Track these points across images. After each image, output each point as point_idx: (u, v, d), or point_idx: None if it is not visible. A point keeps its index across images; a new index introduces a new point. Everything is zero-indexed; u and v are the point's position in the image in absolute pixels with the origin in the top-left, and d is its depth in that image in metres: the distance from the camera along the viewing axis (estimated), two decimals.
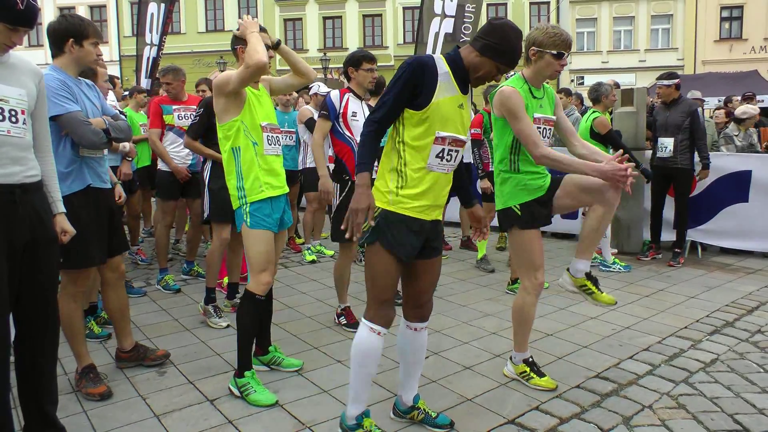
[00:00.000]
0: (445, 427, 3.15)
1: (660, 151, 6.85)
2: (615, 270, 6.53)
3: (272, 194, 3.57)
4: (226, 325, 4.73)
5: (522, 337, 3.72)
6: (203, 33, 33.30)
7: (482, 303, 5.40)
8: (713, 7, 29.91)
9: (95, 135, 3.43)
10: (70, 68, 3.51)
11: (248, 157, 3.51)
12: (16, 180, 2.63)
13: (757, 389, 3.61)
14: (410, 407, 3.22)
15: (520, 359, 3.73)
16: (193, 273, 6.35)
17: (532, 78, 3.57)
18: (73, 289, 3.59)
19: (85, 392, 3.53)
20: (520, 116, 3.40)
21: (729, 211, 7.13)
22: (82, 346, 3.66)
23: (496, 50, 2.77)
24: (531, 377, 3.66)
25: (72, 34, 3.43)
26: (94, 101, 3.64)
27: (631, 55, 30.83)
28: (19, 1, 2.51)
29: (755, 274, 6.49)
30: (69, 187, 3.42)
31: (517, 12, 31.34)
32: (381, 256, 2.82)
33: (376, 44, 32.44)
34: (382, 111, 2.76)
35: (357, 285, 6.00)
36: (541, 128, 3.55)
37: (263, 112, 3.64)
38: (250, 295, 3.54)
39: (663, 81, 6.85)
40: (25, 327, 2.76)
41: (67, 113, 3.35)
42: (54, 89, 3.31)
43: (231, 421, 3.24)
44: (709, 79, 21.13)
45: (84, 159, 3.52)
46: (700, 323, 4.83)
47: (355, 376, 2.92)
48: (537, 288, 3.60)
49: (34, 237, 2.71)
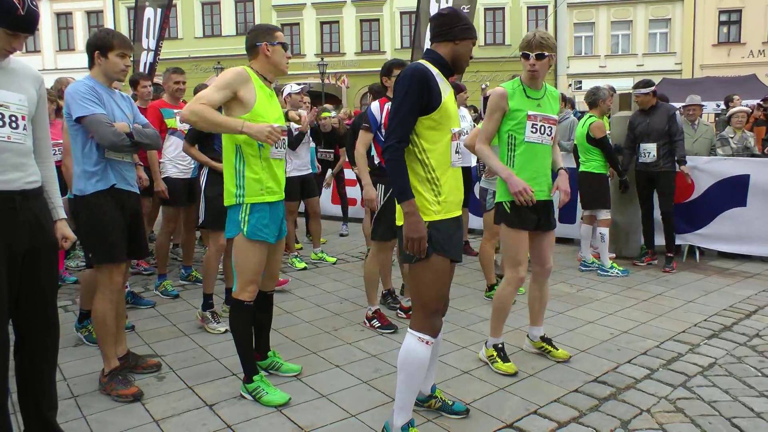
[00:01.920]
0: (462, 413, 3.31)
1: (643, 156, 6.86)
2: (613, 274, 6.54)
3: (271, 199, 3.49)
4: (225, 330, 4.71)
5: (497, 323, 4.02)
6: (200, 38, 33.29)
7: (480, 307, 5.40)
8: (711, 11, 29.96)
9: (116, 136, 3.50)
10: (101, 78, 3.66)
11: (252, 157, 3.41)
12: (16, 186, 2.63)
13: (755, 393, 3.62)
14: (428, 396, 3.35)
15: (492, 344, 4.03)
16: (191, 278, 6.34)
17: (526, 79, 3.87)
18: (108, 286, 3.64)
19: (116, 394, 3.56)
20: (489, 114, 3.86)
21: (727, 216, 7.14)
22: (111, 348, 3.71)
23: (466, 28, 2.98)
24: (495, 361, 3.95)
25: (98, 46, 3.61)
26: (125, 110, 3.76)
27: (629, 60, 30.86)
28: (20, 6, 2.52)
29: (753, 278, 6.50)
30: (94, 186, 3.57)
31: (514, 16, 31.38)
32: (435, 266, 2.88)
33: (374, 49, 32.46)
34: (401, 130, 2.80)
35: (355, 290, 6.01)
36: (538, 125, 3.82)
37: (275, 113, 3.55)
38: (238, 302, 3.51)
39: (640, 90, 6.88)
40: (24, 332, 2.77)
41: (91, 115, 3.47)
42: (81, 93, 3.49)
43: (230, 426, 3.25)
44: (708, 83, 21.20)
45: (110, 161, 3.62)
46: (698, 327, 4.84)
47: (406, 387, 2.93)
48: (517, 281, 3.95)
49: (34, 243, 2.71)
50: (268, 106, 3.48)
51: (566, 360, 4.11)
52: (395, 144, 2.79)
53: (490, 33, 31.58)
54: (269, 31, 3.54)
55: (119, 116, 3.67)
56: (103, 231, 3.57)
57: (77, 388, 3.73)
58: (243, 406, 3.49)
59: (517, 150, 3.82)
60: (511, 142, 3.84)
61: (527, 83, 3.86)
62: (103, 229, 3.57)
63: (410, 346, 2.90)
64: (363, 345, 4.48)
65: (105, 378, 3.65)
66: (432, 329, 2.92)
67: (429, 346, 2.90)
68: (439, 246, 2.87)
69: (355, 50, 32.34)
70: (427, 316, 2.91)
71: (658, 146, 6.73)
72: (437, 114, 2.86)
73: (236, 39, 32.88)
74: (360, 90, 31.30)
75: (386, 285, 5.47)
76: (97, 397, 3.60)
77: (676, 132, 6.73)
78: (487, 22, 31.49)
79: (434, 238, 2.85)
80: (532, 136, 3.79)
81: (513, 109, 3.79)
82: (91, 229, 3.61)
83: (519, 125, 3.78)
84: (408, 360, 2.90)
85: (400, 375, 2.93)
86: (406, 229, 2.78)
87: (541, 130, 3.81)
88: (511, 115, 3.80)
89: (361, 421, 3.29)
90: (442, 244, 2.88)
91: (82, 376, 3.90)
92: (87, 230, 3.64)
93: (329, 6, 32.60)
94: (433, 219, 2.87)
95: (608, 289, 6.00)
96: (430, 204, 2.88)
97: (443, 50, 2.98)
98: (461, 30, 2.96)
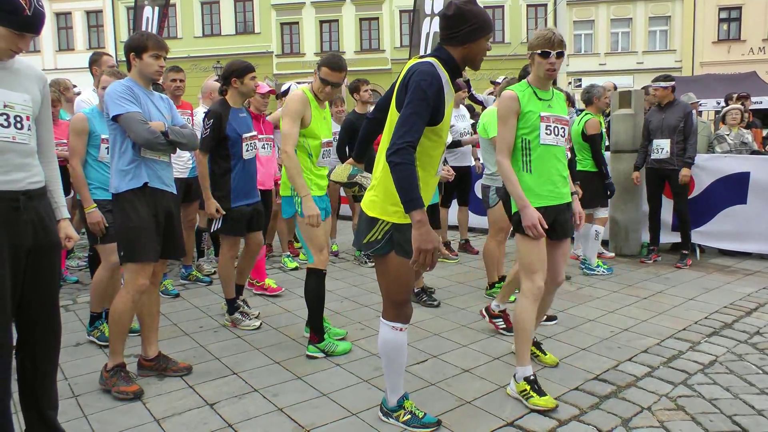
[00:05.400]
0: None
1: (656, 153, 6.86)
2: (599, 273, 6.53)
3: (317, 194, 4.25)
4: (260, 324, 4.88)
5: (522, 348, 3.58)
6: (199, 38, 33.23)
7: (481, 306, 5.39)
8: (711, 9, 29.92)
9: (151, 134, 3.54)
10: (138, 79, 3.73)
11: (303, 163, 4.19)
12: (20, 186, 2.63)
13: (755, 390, 3.62)
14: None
15: (521, 376, 3.52)
16: (191, 277, 6.35)
17: (535, 81, 3.66)
18: (133, 285, 3.64)
19: (116, 390, 3.57)
20: (504, 121, 3.59)
21: (727, 213, 7.14)
22: (121, 345, 3.73)
23: (481, 28, 2.87)
24: (531, 396, 3.44)
25: (132, 48, 3.69)
26: (162, 111, 3.79)
27: (629, 57, 30.84)
28: (27, 6, 2.51)
29: (754, 275, 6.50)
30: (127, 184, 3.61)
31: (514, 14, 31.37)
32: (394, 263, 2.97)
33: (373, 48, 32.47)
34: (414, 135, 2.73)
35: (355, 289, 6.01)
36: (551, 126, 3.60)
37: (325, 130, 4.33)
38: (316, 271, 4.22)
39: (660, 83, 6.86)
40: (27, 332, 2.77)
41: (126, 113, 3.51)
42: (118, 92, 3.56)
43: (231, 425, 3.25)
44: (708, 80, 21.15)
45: (144, 159, 3.64)
46: (699, 325, 4.84)
47: (391, 370, 3.17)
48: (534, 292, 3.54)
49: (37, 243, 2.71)
50: (321, 125, 4.27)
51: (555, 365, 4.00)
52: (408, 148, 2.68)
53: None
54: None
55: (156, 116, 3.70)
56: (133, 230, 3.60)
57: (78, 388, 3.73)
58: (243, 405, 3.50)
59: (532, 154, 3.59)
60: (526, 146, 3.60)
61: (536, 85, 3.64)
62: (133, 228, 3.59)
63: (387, 335, 3.10)
64: (363, 344, 4.48)
65: (107, 373, 3.66)
66: (404, 317, 3.09)
67: (403, 332, 3.10)
68: (399, 248, 2.93)
69: (354, 49, 32.33)
70: (396, 307, 3.07)
71: (672, 143, 6.73)
72: (438, 127, 2.87)
73: (235, 38, 32.92)
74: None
75: (419, 284, 5.51)
76: (98, 397, 3.61)
77: (690, 131, 6.72)
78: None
79: (395, 239, 2.93)
80: (547, 138, 3.58)
81: (525, 112, 3.57)
82: (122, 228, 3.64)
83: (532, 128, 3.57)
84: (387, 348, 3.11)
85: (384, 360, 3.16)
86: (419, 240, 2.67)
87: (555, 132, 3.63)
88: (524, 118, 3.58)
89: (362, 420, 3.29)
90: (403, 245, 2.90)
91: (83, 376, 3.91)
92: (119, 228, 3.68)
93: (328, 5, 32.58)
94: (400, 222, 2.90)
95: (608, 287, 6.00)
96: (398, 207, 2.82)
97: (455, 53, 2.91)
98: (469, 33, 2.85)
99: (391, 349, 3.10)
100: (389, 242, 2.93)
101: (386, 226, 2.92)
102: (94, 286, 4.52)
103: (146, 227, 3.62)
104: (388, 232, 2.92)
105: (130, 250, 3.63)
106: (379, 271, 3.06)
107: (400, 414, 3.19)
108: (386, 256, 2.97)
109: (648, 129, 6.99)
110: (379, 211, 2.93)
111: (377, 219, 2.93)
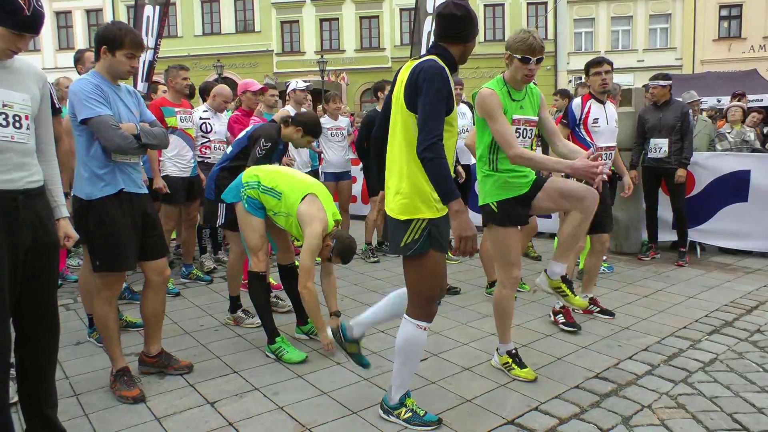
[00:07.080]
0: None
1: (653, 151, 6.86)
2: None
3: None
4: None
5: (503, 329, 3.89)
6: (200, 36, 33.22)
7: (481, 304, 5.40)
8: (712, 6, 29.90)
9: (123, 139, 3.39)
10: (105, 74, 3.53)
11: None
12: (19, 186, 2.63)
13: (756, 388, 3.62)
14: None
15: (504, 350, 3.89)
16: (192, 276, 6.34)
17: (511, 80, 3.67)
18: (107, 293, 3.60)
19: (119, 394, 3.54)
20: (495, 117, 3.52)
21: (728, 211, 7.13)
22: (117, 348, 3.66)
23: (476, 28, 3.05)
24: (512, 368, 3.81)
25: (106, 41, 3.45)
26: (131, 107, 3.62)
27: (630, 55, 30.81)
28: (26, 6, 2.51)
29: (754, 273, 6.50)
30: (102, 191, 3.46)
31: (514, 12, 31.36)
32: (433, 260, 3.00)
33: (373, 46, 32.45)
34: (440, 129, 2.82)
35: (355, 287, 6.01)
36: (521, 129, 3.67)
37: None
38: (254, 273, 4.25)
39: (659, 81, 6.85)
40: (25, 330, 2.77)
41: (97, 116, 3.35)
42: (87, 93, 3.37)
43: (231, 424, 3.25)
44: (708, 78, 21.17)
45: (117, 164, 3.52)
46: (699, 323, 4.84)
47: (406, 368, 3.18)
48: (512, 282, 3.77)
49: (36, 241, 2.71)
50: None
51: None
52: (438, 142, 2.79)
53: (490, 29, 31.55)
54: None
55: (125, 115, 3.53)
56: (111, 240, 3.45)
57: (79, 387, 3.73)
58: (244, 403, 3.50)
59: (500, 154, 3.61)
60: (494, 145, 3.62)
61: (512, 84, 3.65)
62: (111, 237, 3.45)
63: (409, 333, 3.09)
64: (364, 342, 4.44)
65: (112, 377, 3.65)
66: (429, 316, 3.11)
67: (426, 331, 3.11)
68: (436, 242, 2.98)
69: (354, 47, 32.32)
70: (425, 304, 3.08)
71: (670, 142, 6.73)
72: (450, 117, 2.92)
73: (236, 37, 32.91)
74: (360, 87, 31.30)
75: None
76: (98, 396, 3.61)
77: (687, 131, 6.72)
78: (487, 18, 31.45)
79: (433, 234, 2.95)
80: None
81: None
82: (98, 237, 3.48)
83: None
84: (407, 346, 3.11)
85: (400, 357, 3.15)
86: (459, 228, 2.81)
87: (523, 134, 3.68)
88: None
89: (363, 418, 3.29)
90: (440, 240, 3.00)
91: (83, 375, 3.91)
92: (94, 238, 3.50)
93: (329, 3, 32.56)
94: (435, 216, 2.96)
95: (609, 285, 6.00)
96: (435, 201, 2.94)
97: (454, 50, 3.02)
98: (470, 32, 3.02)
99: (411, 347, 3.11)
100: (428, 239, 2.96)
101: (423, 224, 2.94)
102: (82, 287, 4.44)
103: (124, 234, 3.50)
104: (426, 228, 2.95)
105: (108, 259, 3.49)
106: (413, 270, 3.05)
107: (401, 412, 3.20)
108: (424, 254, 2.97)
109: (643, 127, 6.97)
110: (412, 211, 2.95)
111: (411, 220, 2.95)
